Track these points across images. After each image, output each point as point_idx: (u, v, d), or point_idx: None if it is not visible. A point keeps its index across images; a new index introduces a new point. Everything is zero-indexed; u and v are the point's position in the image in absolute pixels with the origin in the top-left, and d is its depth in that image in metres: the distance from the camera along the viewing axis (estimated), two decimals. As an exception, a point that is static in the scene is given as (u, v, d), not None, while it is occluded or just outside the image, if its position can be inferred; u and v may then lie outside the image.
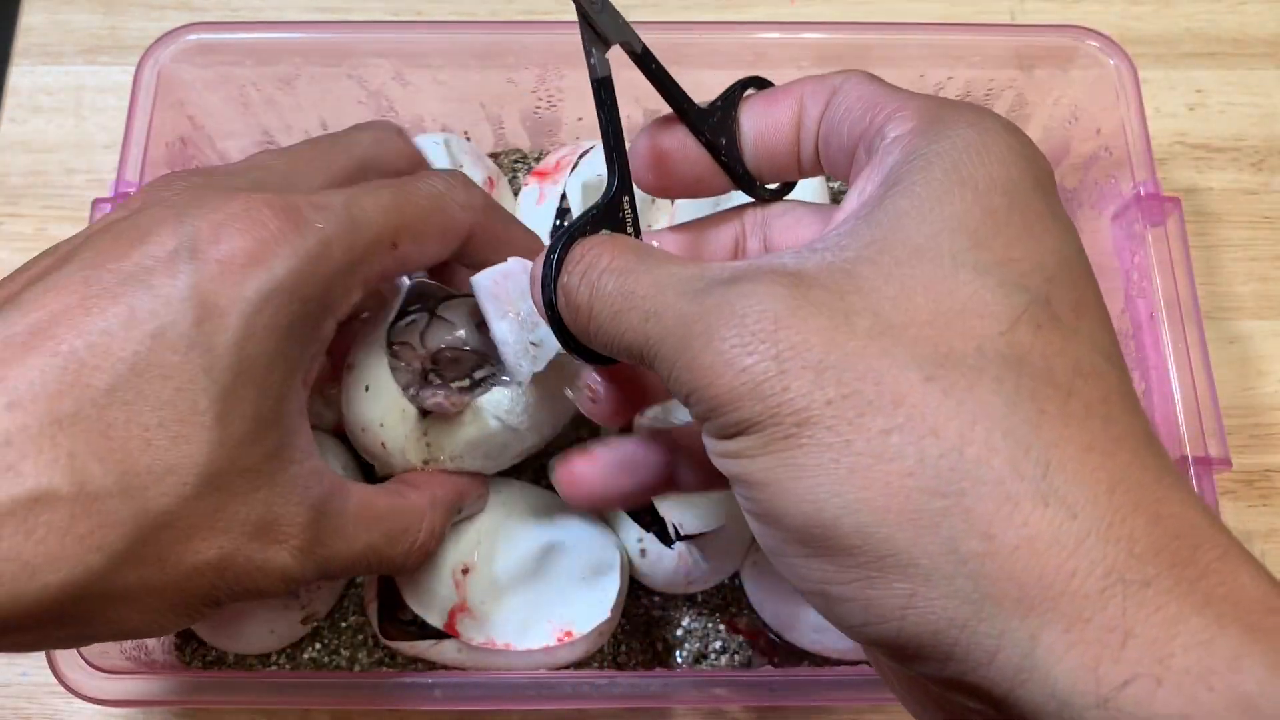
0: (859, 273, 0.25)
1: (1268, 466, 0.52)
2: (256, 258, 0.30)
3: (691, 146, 0.32)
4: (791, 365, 0.23)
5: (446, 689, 0.41)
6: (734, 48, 0.50)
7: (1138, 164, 0.47)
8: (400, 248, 0.34)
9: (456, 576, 0.42)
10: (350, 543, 0.35)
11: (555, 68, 0.51)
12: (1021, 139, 0.27)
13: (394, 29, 0.52)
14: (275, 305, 0.30)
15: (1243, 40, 0.60)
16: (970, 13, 0.61)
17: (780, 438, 0.24)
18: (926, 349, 0.23)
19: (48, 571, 0.26)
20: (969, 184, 0.25)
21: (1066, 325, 0.24)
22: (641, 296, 0.27)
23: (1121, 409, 0.24)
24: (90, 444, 0.27)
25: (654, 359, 0.26)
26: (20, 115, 0.58)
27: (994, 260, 0.24)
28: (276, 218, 0.30)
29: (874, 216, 0.26)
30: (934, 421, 0.23)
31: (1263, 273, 0.56)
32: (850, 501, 0.23)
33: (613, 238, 0.29)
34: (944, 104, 0.28)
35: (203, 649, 0.47)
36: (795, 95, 0.31)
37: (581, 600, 0.43)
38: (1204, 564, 0.22)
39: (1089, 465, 0.22)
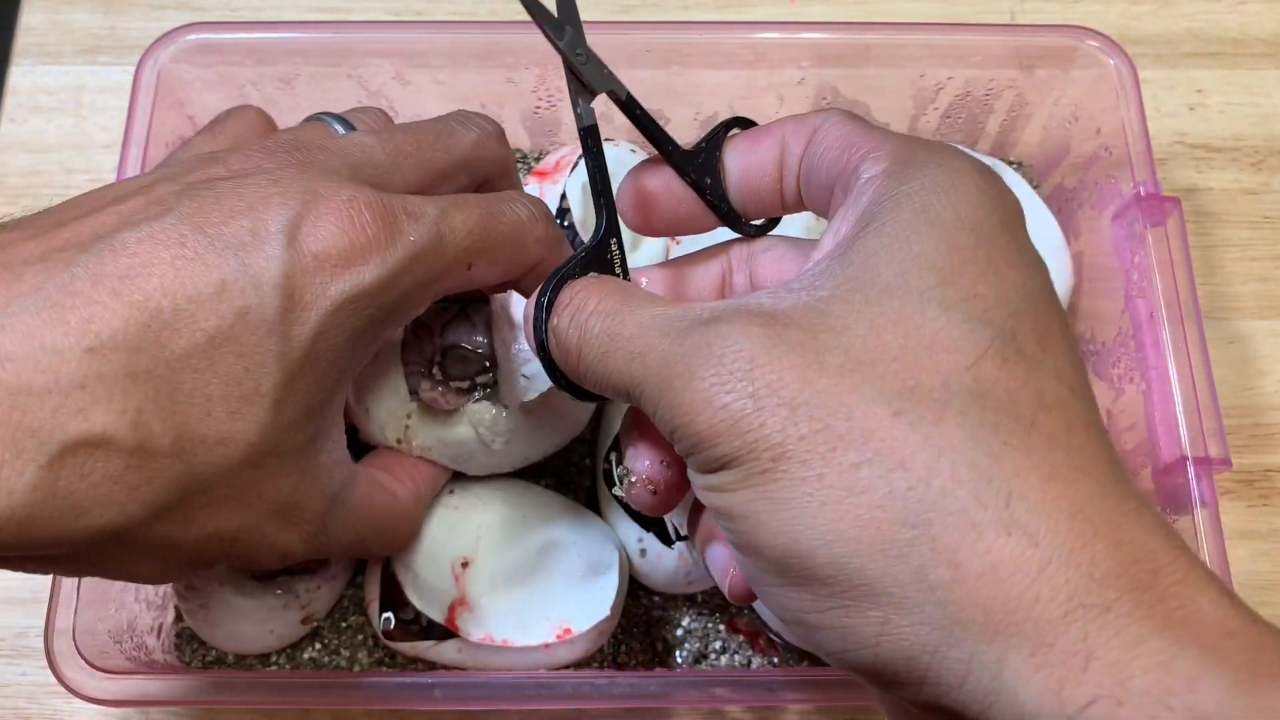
0: (832, 311, 0.26)
1: (1268, 466, 0.52)
2: (350, 260, 0.30)
3: (677, 186, 0.33)
4: (767, 403, 0.25)
5: (446, 689, 0.41)
6: (734, 48, 0.50)
7: (1138, 164, 0.47)
8: (474, 269, 0.34)
9: (456, 570, 0.43)
10: (346, 532, 0.36)
11: (555, 68, 0.51)
12: (990, 179, 0.28)
13: (394, 29, 0.52)
14: (353, 309, 0.31)
15: (1243, 40, 0.60)
16: (970, 13, 0.61)
17: (758, 472, 0.25)
18: (895, 384, 0.25)
19: (93, 514, 0.27)
20: (937, 223, 0.26)
21: (1031, 358, 0.25)
22: (626, 338, 0.28)
23: (1084, 438, 0.25)
24: (157, 403, 0.28)
25: (640, 397, 0.28)
26: (20, 115, 0.58)
27: (960, 296, 0.25)
28: (375, 222, 0.31)
29: (847, 256, 0.27)
30: (901, 455, 0.24)
31: (1262, 273, 0.56)
32: (823, 533, 0.24)
33: (600, 280, 0.31)
34: (917, 145, 0.29)
35: (203, 649, 0.47)
36: (777, 135, 0.32)
37: (580, 598, 0.43)
38: (1164, 587, 0.23)
39: (1050, 494, 0.23)
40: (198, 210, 0.29)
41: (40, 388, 0.26)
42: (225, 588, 0.43)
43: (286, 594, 0.44)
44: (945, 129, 0.55)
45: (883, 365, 0.25)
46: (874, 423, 0.24)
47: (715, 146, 0.33)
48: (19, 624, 0.48)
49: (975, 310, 0.25)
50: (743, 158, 0.33)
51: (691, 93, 0.52)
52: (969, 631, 0.23)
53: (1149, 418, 0.45)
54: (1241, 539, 0.51)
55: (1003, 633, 0.23)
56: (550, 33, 0.32)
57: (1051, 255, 0.50)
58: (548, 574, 0.43)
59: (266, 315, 0.29)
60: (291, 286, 0.29)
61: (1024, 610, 0.22)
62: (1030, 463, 0.24)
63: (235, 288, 0.29)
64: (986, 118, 0.54)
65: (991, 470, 0.24)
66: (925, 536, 0.23)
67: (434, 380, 0.42)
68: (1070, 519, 0.23)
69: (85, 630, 0.40)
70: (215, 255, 0.29)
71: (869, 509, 0.24)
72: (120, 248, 0.28)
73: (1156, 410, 0.44)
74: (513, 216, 0.35)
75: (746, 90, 0.52)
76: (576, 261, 0.31)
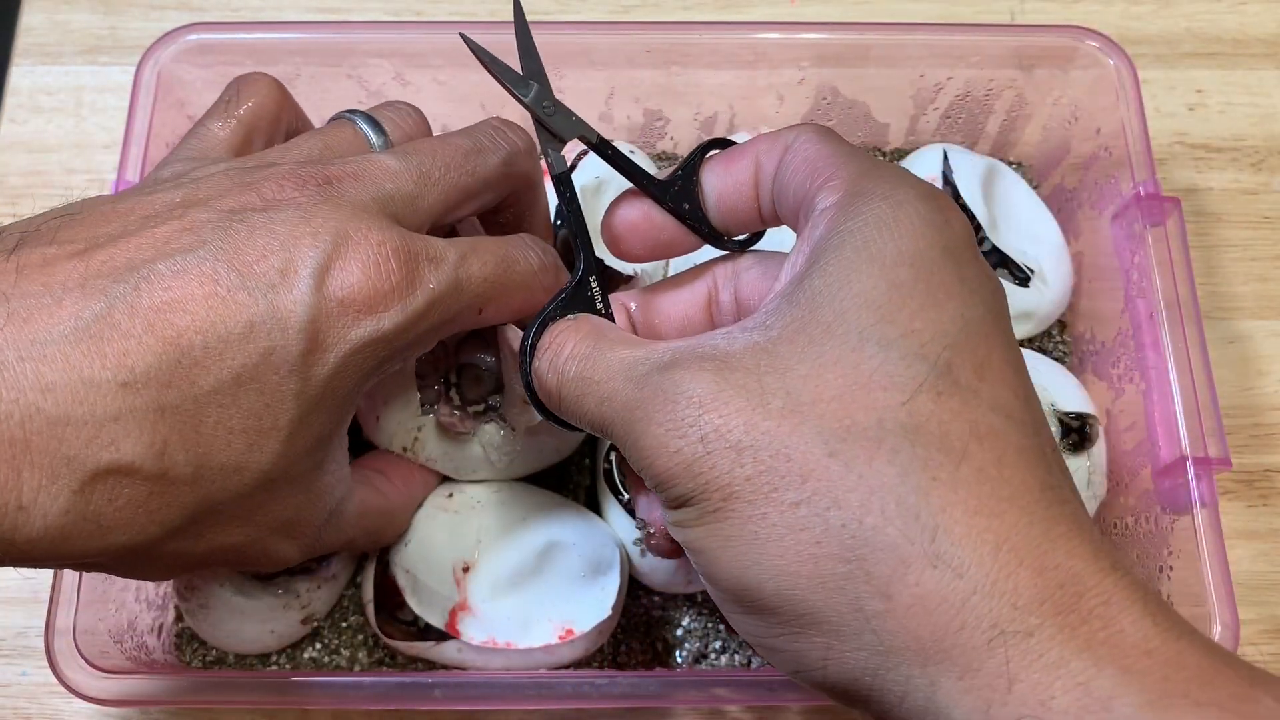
0: (778, 351, 0.28)
1: (1268, 466, 0.52)
2: (372, 307, 0.31)
3: (656, 214, 0.35)
4: (715, 446, 0.27)
5: (446, 689, 0.41)
6: (734, 48, 0.50)
7: (1137, 164, 0.47)
8: (484, 313, 0.35)
9: (457, 574, 0.43)
10: (339, 536, 0.37)
11: (555, 68, 0.51)
12: (934, 205, 0.29)
13: (394, 29, 0.52)
14: (370, 352, 0.32)
15: (1243, 40, 0.60)
16: (970, 13, 0.61)
17: (710, 511, 0.27)
18: (832, 424, 0.26)
19: (116, 534, 0.29)
20: (877, 260, 0.28)
21: (967, 389, 0.26)
22: (596, 382, 0.30)
23: (1016, 466, 0.26)
24: (183, 436, 0.29)
25: (611, 436, 0.30)
26: (20, 115, 0.58)
27: (898, 333, 0.27)
28: (400, 271, 0.31)
29: (795, 295, 0.28)
30: (836, 494, 0.26)
31: (1262, 273, 0.56)
32: (768, 569, 0.26)
33: (575, 323, 0.33)
34: (869, 174, 0.30)
35: (203, 649, 0.47)
36: (751, 155, 0.33)
37: (582, 598, 0.43)
38: (1087, 610, 0.24)
39: (976, 527, 0.25)
40: (231, 244, 0.30)
41: (77, 419, 0.27)
42: (225, 588, 0.43)
43: (287, 594, 0.44)
44: (945, 129, 0.55)
45: (822, 405, 0.26)
46: (811, 463, 0.26)
47: (692, 171, 0.34)
48: (19, 624, 0.48)
49: (912, 346, 0.27)
50: (719, 180, 0.34)
51: (691, 93, 0.52)
52: (903, 657, 0.25)
53: (1149, 417, 0.45)
54: (1241, 539, 0.51)
55: (933, 658, 0.25)
56: (514, 90, 0.33)
57: (1051, 255, 0.50)
58: (549, 575, 0.43)
59: (289, 356, 0.30)
60: (315, 330, 0.30)
61: (951, 638, 0.24)
62: (957, 496, 0.25)
63: (263, 329, 0.30)
64: (986, 118, 0.54)
65: (919, 506, 0.25)
66: (860, 571, 0.25)
67: (452, 404, 0.43)
68: (995, 550, 0.25)
69: (85, 630, 0.40)
70: (246, 294, 0.29)
71: (808, 545, 0.26)
72: (156, 280, 0.29)
73: (1156, 410, 0.44)
74: (525, 266, 0.36)
75: (746, 90, 0.52)
76: (557, 303, 0.33)
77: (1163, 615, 0.25)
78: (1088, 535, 0.26)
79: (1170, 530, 0.43)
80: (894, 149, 0.56)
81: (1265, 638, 0.49)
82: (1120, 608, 0.24)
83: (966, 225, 0.29)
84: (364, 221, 0.32)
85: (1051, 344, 0.52)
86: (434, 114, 0.53)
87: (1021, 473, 0.26)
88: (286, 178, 0.33)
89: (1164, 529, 0.43)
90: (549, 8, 0.61)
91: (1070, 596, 0.24)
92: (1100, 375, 0.49)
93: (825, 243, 0.29)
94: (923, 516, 0.25)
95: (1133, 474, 0.46)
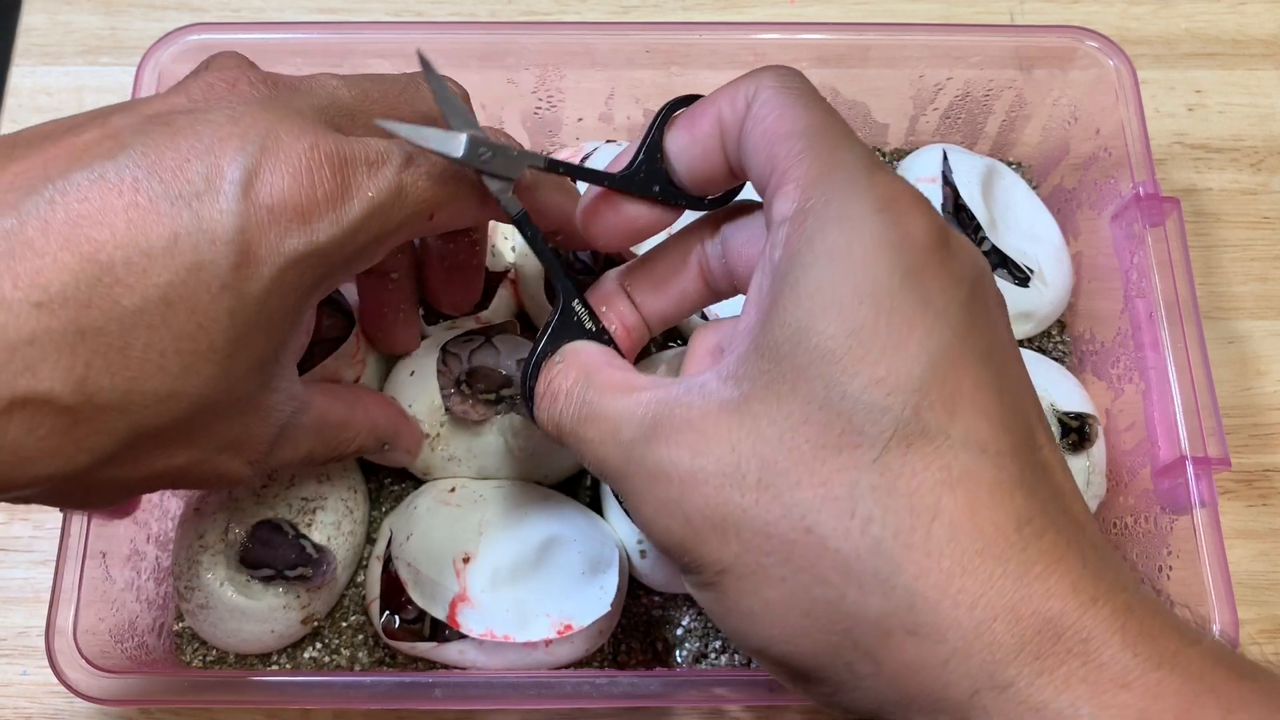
0: (750, 410, 0.27)
1: (1267, 466, 0.52)
2: (305, 216, 0.29)
3: (626, 203, 0.34)
4: (700, 525, 0.27)
5: (447, 689, 0.41)
6: (734, 48, 0.50)
7: (1137, 164, 0.47)
8: (436, 219, 0.33)
9: (458, 565, 0.43)
10: (295, 449, 0.36)
11: (555, 68, 0.51)
12: (890, 220, 0.27)
13: (394, 29, 0.52)
14: (306, 265, 0.30)
15: (1242, 40, 0.60)
16: (970, 13, 0.61)
17: (708, 583, 0.28)
18: (807, 494, 0.26)
19: (41, 465, 0.28)
20: (833, 304, 0.27)
21: (937, 432, 0.26)
22: (590, 442, 0.31)
23: (990, 509, 0.26)
24: (107, 359, 0.27)
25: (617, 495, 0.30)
26: (21, 116, 0.58)
27: (862, 385, 0.26)
28: (334, 177, 0.30)
29: (762, 343, 0.28)
30: (817, 570, 0.26)
31: (1261, 273, 0.56)
32: (767, 638, 0.27)
33: (565, 365, 0.32)
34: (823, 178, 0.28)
35: (203, 649, 0.47)
36: (712, 116, 0.32)
37: (581, 594, 0.43)
38: (1064, 651, 0.25)
39: (951, 591, 0.25)
40: (152, 150, 0.28)
41: None
42: (226, 587, 0.43)
43: (287, 594, 0.44)
44: (945, 129, 0.55)
45: (796, 472, 0.26)
46: (791, 539, 0.26)
47: (655, 147, 0.33)
48: (20, 623, 0.49)
49: (877, 396, 0.26)
50: (685, 150, 0.33)
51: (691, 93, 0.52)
52: (898, 708, 0.26)
53: (1148, 417, 0.45)
54: (1241, 539, 0.51)
55: (926, 709, 0.26)
56: (444, 152, 0.31)
57: (1051, 255, 0.50)
58: (548, 570, 0.43)
59: (219, 271, 0.28)
60: (245, 241, 0.28)
61: (937, 694, 0.25)
62: (931, 561, 0.25)
63: (188, 242, 0.28)
64: (986, 118, 0.54)
65: (894, 579, 0.25)
66: (848, 641, 0.26)
67: (463, 395, 0.44)
68: (970, 609, 0.25)
69: (86, 630, 0.40)
70: (168, 204, 0.28)
71: (799, 617, 0.27)
72: (72, 191, 0.27)
73: (1156, 410, 0.44)
74: None
75: (746, 91, 0.52)
76: (546, 337, 0.33)
77: (1145, 644, 0.25)
78: (1068, 567, 0.25)
79: (1170, 530, 0.43)
80: (894, 149, 0.56)
81: (1265, 637, 0.49)
82: (1100, 642, 0.25)
83: (930, 223, 0.28)
84: (296, 124, 0.30)
85: (1051, 344, 0.52)
86: (434, 114, 0.54)
87: (996, 515, 0.26)
88: (217, 78, 0.31)
89: (1163, 529, 0.43)
90: (549, 8, 0.61)
91: (1047, 640, 0.25)
92: (1100, 375, 0.49)
93: (784, 279, 0.28)
94: (899, 588, 0.25)
95: (1132, 474, 0.46)
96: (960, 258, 0.28)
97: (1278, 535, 0.51)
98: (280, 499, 0.44)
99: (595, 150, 0.51)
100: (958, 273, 0.28)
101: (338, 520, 0.45)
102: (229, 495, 0.44)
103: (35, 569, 0.49)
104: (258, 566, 0.43)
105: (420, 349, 0.46)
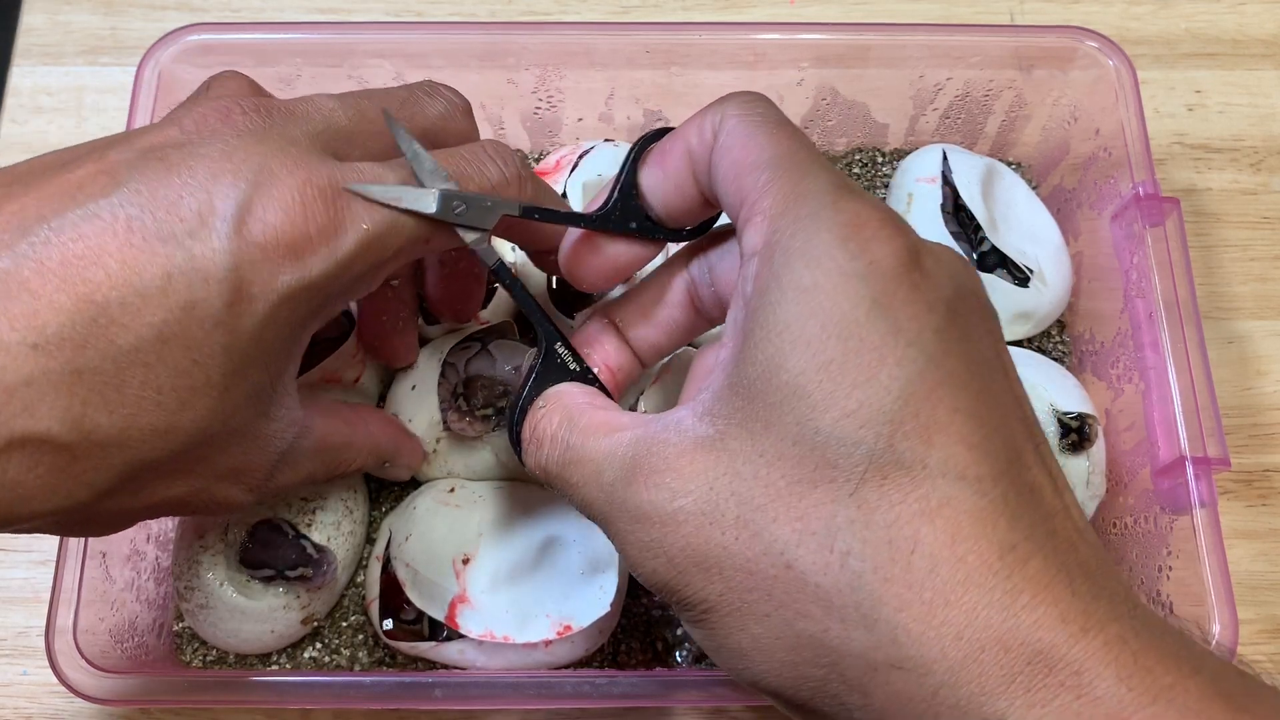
0: (727, 448, 0.27)
1: (1267, 466, 0.52)
2: (297, 252, 0.29)
3: (606, 243, 0.34)
4: (684, 565, 0.27)
5: (446, 689, 0.41)
6: (734, 48, 0.50)
7: (1137, 164, 0.47)
8: (432, 243, 0.33)
9: (457, 566, 0.43)
10: (296, 473, 0.36)
11: (555, 68, 0.51)
12: (853, 250, 0.27)
13: (394, 29, 0.52)
14: (300, 300, 0.30)
15: (1242, 40, 0.60)
16: (970, 13, 0.61)
17: (696, 620, 0.28)
18: (785, 531, 0.26)
19: (40, 502, 0.28)
20: (800, 341, 0.27)
21: (913, 462, 0.26)
22: (575, 485, 0.31)
23: (971, 539, 0.25)
24: (104, 398, 0.28)
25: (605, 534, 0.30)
26: (21, 116, 0.58)
27: (834, 419, 0.26)
28: (326, 212, 0.30)
29: (735, 381, 0.28)
30: (799, 606, 0.26)
31: (1261, 273, 0.56)
32: (758, 672, 0.27)
33: (547, 410, 0.32)
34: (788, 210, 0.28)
35: (203, 649, 0.47)
36: (681, 150, 0.32)
37: (580, 595, 0.43)
38: (1057, 684, 0.24)
39: (934, 623, 0.25)
40: (146, 186, 0.28)
41: None
42: (226, 587, 0.43)
43: (287, 594, 0.44)
44: (944, 129, 0.55)
45: (773, 508, 0.26)
46: (772, 575, 0.26)
47: (630, 186, 0.33)
48: (20, 623, 0.49)
49: (850, 430, 0.26)
50: (658, 186, 0.33)
51: (691, 93, 0.52)
52: None
53: (1148, 418, 0.45)
54: (1241, 539, 0.51)
55: None
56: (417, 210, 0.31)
57: (1051, 255, 0.50)
58: (548, 571, 0.43)
59: (213, 309, 0.28)
60: (238, 279, 0.29)
61: None
62: (912, 593, 0.25)
63: (182, 281, 0.28)
64: (986, 118, 0.54)
65: (876, 613, 0.25)
66: (835, 674, 0.26)
67: (460, 411, 0.44)
68: (956, 640, 0.25)
69: (86, 630, 0.40)
70: (162, 244, 0.28)
71: (785, 652, 0.27)
72: (66, 230, 0.27)
73: (1155, 410, 0.44)
74: (481, 182, 0.33)
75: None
76: (531, 384, 0.33)
77: (1139, 678, 0.24)
78: (1056, 596, 0.25)
79: (1169, 530, 0.43)
80: (893, 149, 0.56)
81: (1265, 637, 0.49)
82: (1093, 675, 0.24)
83: (898, 246, 0.27)
84: (290, 156, 0.30)
85: (1050, 344, 0.52)
86: (434, 114, 0.54)
87: (978, 545, 0.25)
88: (210, 109, 0.31)
89: (1163, 529, 0.43)
90: (549, 8, 0.61)
91: (1039, 671, 0.24)
92: (1099, 375, 0.49)
93: (754, 315, 0.28)
94: (881, 621, 0.25)
95: (1132, 474, 0.46)
96: (934, 278, 0.27)
97: (1277, 535, 0.51)
98: (280, 499, 0.44)
99: (592, 149, 0.51)
100: (931, 296, 0.27)
101: (338, 520, 0.45)
102: (229, 495, 0.44)
103: (35, 569, 0.49)
104: (258, 566, 0.43)
105: (422, 362, 0.46)
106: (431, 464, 0.46)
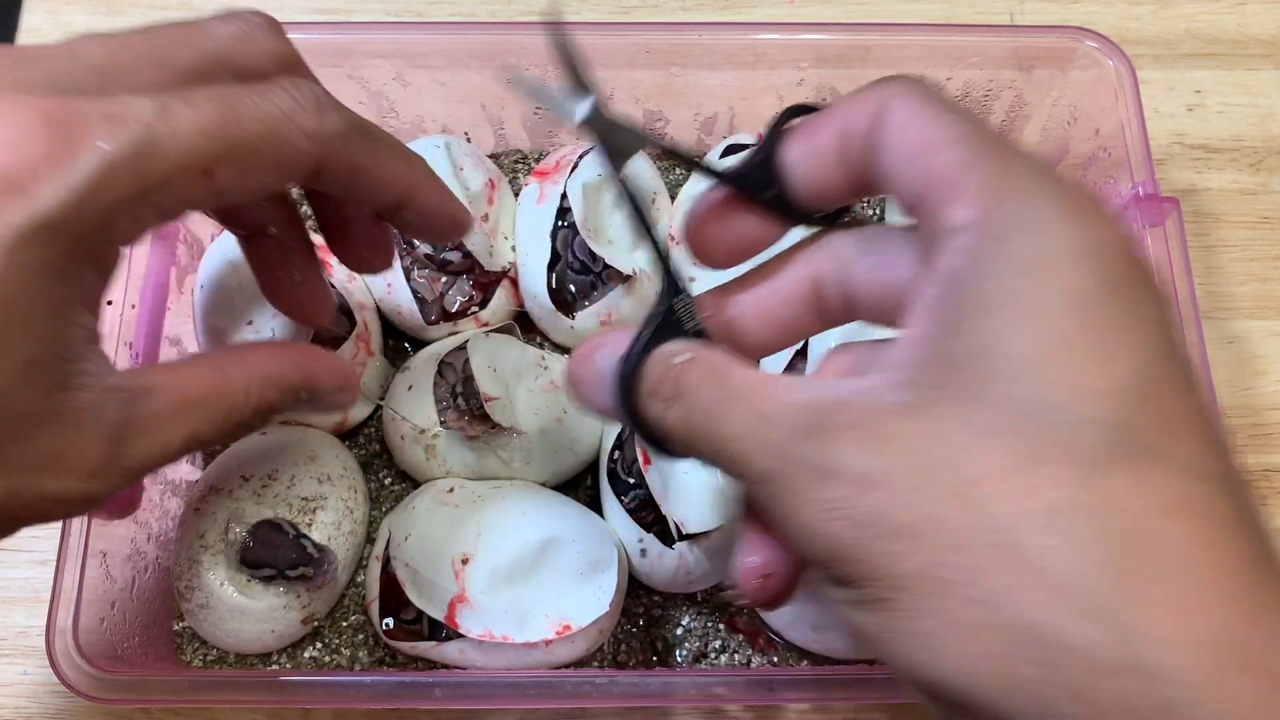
0: (935, 414, 0.25)
1: (1267, 466, 0.52)
2: (17, 184, 0.25)
3: (742, 212, 0.31)
4: (875, 531, 0.24)
5: (446, 688, 0.41)
6: (734, 48, 0.50)
7: (1136, 164, 0.47)
8: (217, 177, 0.28)
9: (456, 566, 0.43)
10: (165, 439, 0.31)
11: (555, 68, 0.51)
12: (1082, 227, 0.25)
13: (394, 30, 0.52)
14: (39, 242, 0.26)
15: (1242, 41, 0.60)
16: (969, 14, 0.61)
17: (877, 599, 0.24)
18: (1003, 509, 0.23)
19: None
20: (1030, 315, 0.24)
21: (1151, 453, 0.23)
22: (728, 439, 0.27)
23: (1215, 545, 0.23)
24: None
25: (751, 496, 0.27)
26: (21, 116, 0.58)
27: (1064, 396, 0.24)
28: (48, 135, 0.26)
29: (943, 352, 0.25)
30: (1015, 591, 0.23)
31: (1261, 273, 0.56)
32: (950, 670, 0.24)
33: (694, 362, 0.29)
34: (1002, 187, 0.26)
35: (203, 648, 0.47)
36: (834, 128, 0.30)
37: (580, 594, 0.43)
38: None
39: (1174, 628, 0.22)
40: None
41: None
42: (226, 587, 0.43)
43: (287, 593, 0.44)
44: (944, 129, 0.55)
45: (988, 485, 0.23)
46: (984, 556, 0.23)
47: (771, 149, 0.31)
48: (20, 623, 0.49)
49: (1082, 409, 0.23)
50: (804, 159, 0.30)
51: (691, 93, 0.52)
52: None
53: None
54: (1240, 539, 0.51)
55: None
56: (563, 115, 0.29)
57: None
58: (547, 570, 0.43)
59: None
60: None
61: None
62: (1148, 592, 0.22)
63: None
64: (986, 118, 0.54)
65: (1107, 606, 0.22)
66: (1048, 674, 0.23)
67: (459, 410, 0.44)
68: (1197, 651, 0.22)
69: (86, 630, 0.40)
70: None
71: (989, 645, 0.23)
72: None
73: (1155, 410, 0.44)
74: (267, 108, 0.29)
75: (746, 91, 0.52)
76: (651, 335, 0.30)
77: None
78: None
79: (1169, 530, 0.43)
80: (893, 149, 0.56)
81: (1264, 637, 0.49)
82: None
83: (1121, 232, 0.26)
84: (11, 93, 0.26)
85: (1051, 344, 0.52)
86: (435, 115, 0.54)
87: (1222, 552, 0.23)
88: None
89: (1163, 529, 0.43)
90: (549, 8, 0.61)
91: None
92: (1099, 375, 0.49)
93: (966, 290, 0.25)
94: (1112, 617, 0.22)
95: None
96: (1149, 270, 0.26)
97: (1278, 535, 0.51)
98: (280, 499, 0.44)
99: (593, 149, 0.51)
100: (1147, 288, 0.26)
101: (338, 520, 0.45)
102: (229, 495, 0.44)
103: (35, 569, 0.49)
104: (258, 566, 0.43)
105: (419, 363, 0.46)
106: (429, 460, 0.46)
